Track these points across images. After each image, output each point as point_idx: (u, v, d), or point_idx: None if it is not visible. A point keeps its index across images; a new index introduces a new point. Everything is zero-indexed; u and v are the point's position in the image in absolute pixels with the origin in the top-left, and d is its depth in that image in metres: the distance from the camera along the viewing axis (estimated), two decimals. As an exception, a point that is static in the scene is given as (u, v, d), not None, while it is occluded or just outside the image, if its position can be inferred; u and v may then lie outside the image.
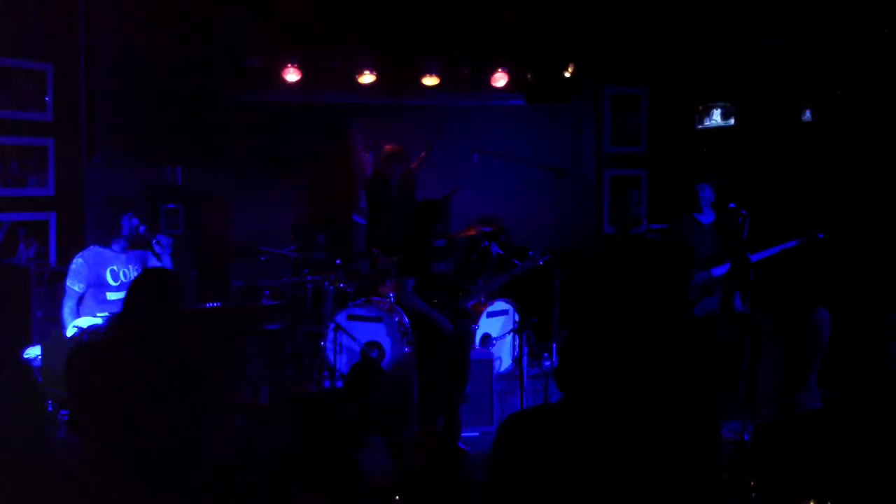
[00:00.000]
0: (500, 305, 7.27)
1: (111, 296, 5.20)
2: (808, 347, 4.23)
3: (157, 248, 5.39)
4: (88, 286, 5.18)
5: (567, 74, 7.81)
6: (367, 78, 7.98)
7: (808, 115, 7.92)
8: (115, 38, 6.03)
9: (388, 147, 7.47)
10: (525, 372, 6.03)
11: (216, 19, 6.35)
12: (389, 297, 7.12)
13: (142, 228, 5.37)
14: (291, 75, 7.81)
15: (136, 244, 5.46)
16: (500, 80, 8.24)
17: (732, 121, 8.55)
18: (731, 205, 6.86)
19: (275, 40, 7.78)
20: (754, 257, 5.52)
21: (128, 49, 6.03)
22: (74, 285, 5.17)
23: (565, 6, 6.07)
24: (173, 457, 3.17)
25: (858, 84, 7.39)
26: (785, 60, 7.40)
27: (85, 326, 4.94)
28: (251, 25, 7.00)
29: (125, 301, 3.43)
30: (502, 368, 7.19)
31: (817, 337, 4.22)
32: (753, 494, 4.04)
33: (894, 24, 5.58)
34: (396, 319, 6.90)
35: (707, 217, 6.87)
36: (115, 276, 5.23)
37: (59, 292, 5.45)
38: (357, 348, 6.58)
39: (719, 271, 6.31)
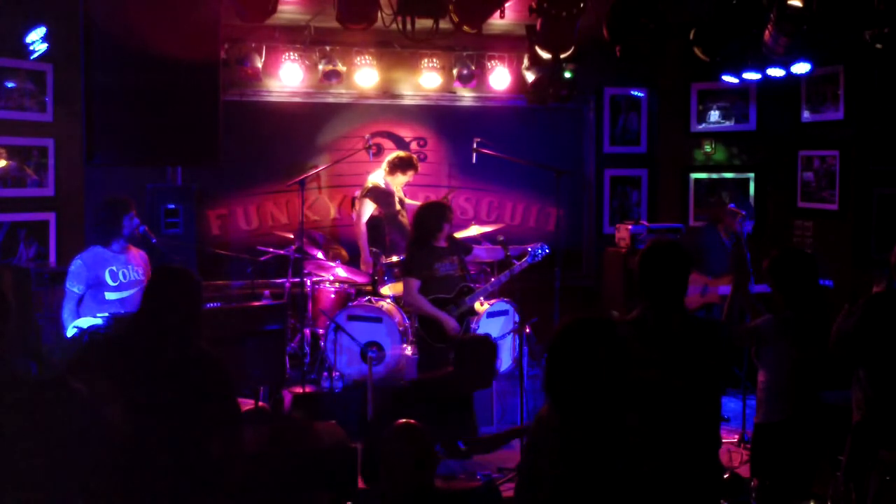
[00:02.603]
0: (500, 305, 7.27)
1: (110, 296, 5.21)
2: (809, 348, 4.23)
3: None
4: (87, 287, 5.18)
5: (567, 75, 7.81)
6: (367, 78, 7.99)
7: (806, 116, 7.94)
8: (114, 38, 6.02)
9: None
10: (525, 372, 6.03)
11: (216, 19, 6.34)
12: (389, 297, 7.12)
13: (142, 228, 5.38)
14: (291, 75, 7.81)
15: (137, 244, 5.47)
16: (500, 80, 8.24)
17: (733, 121, 8.56)
18: (732, 205, 6.89)
19: (275, 40, 7.79)
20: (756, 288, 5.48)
21: (128, 49, 6.01)
22: (73, 287, 5.17)
23: (566, 6, 6.06)
24: (186, 455, 3.17)
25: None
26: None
27: (85, 327, 4.95)
28: (251, 25, 7.00)
29: (144, 296, 3.44)
30: (502, 368, 7.18)
31: (818, 337, 4.22)
32: (753, 494, 4.04)
33: None
34: (396, 319, 6.90)
35: (731, 239, 6.87)
36: (114, 277, 5.23)
37: (59, 292, 5.45)
38: (357, 348, 6.58)
39: (725, 290, 6.25)
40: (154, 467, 3.11)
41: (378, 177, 7.49)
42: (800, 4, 5.58)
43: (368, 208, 7.39)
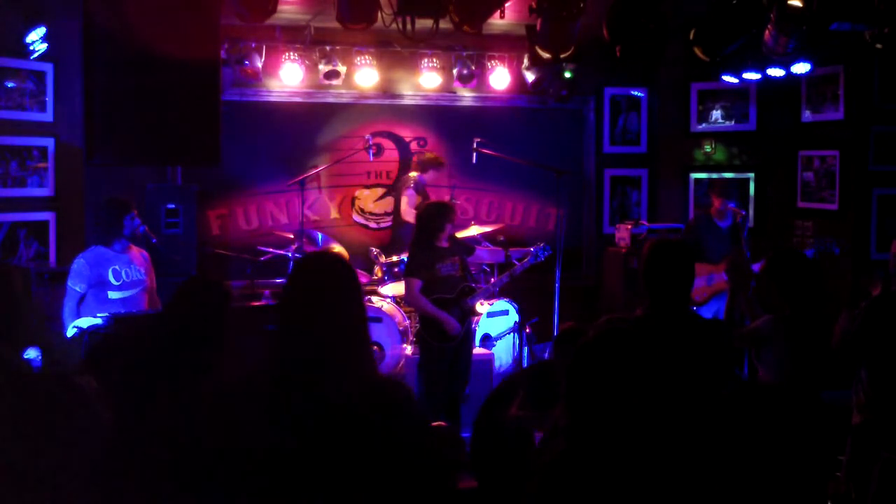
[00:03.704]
0: (500, 305, 7.27)
1: (113, 295, 5.21)
2: (809, 348, 4.23)
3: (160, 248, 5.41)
4: (90, 286, 5.18)
5: (567, 75, 7.81)
6: (367, 78, 7.99)
7: (806, 116, 7.94)
8: (115, 38, 6.01)
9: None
10: (525, 372, 6.03)
11: (216, 19, 6.33)
12: (389, 297, 7.13)
13: (142, 228, 5.38)
14: (291, 75, 7.81)
15: (138, 244, 5.47)
16: (500, 80, 8.24)
17: (733, 122, 8.56)
18: (732, 204, 6.89)
19: (275, 40, 7.79)
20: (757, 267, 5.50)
21: (128, 49, 6.01)
22: (76, 286, 5.18)
23: (566, 6, 6.06)
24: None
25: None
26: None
27: (85, 326, 4.93)
28: (251, 25, 7.00)
29: (171, 303, 3.44)
30: (502, 368, 7.19)
31: (818, 337, 4.22)
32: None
33: None
34: (396, 319, 6.91)
35: (725, 221, 6.88)
36: (117, 276, 5.24)
37: (59, 292, 5.45)
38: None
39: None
40: (152, 469, 3.10)
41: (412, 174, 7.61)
42: (800, 4, 5.58)
43: (413, 200, 7.44)
